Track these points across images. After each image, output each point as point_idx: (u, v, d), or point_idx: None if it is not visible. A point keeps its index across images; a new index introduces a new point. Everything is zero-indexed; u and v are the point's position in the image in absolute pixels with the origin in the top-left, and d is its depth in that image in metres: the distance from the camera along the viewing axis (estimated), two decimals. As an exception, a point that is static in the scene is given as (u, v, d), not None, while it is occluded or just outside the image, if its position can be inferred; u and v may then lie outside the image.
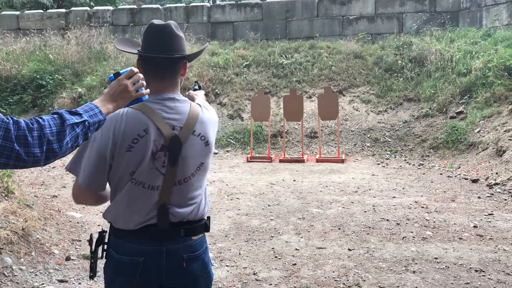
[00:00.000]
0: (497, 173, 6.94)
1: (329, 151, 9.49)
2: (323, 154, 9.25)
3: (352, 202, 5.97)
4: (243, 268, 4.06)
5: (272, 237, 4.80)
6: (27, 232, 4.24)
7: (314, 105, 10.37)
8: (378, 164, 8.47)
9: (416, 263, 4.09)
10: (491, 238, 4.65)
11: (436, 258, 4.17)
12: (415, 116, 9.88)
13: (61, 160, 8.07)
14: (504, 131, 7.92)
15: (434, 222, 5.16)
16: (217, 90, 11.33)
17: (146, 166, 1.68)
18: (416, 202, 5.93)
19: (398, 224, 5.12)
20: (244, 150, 9.76)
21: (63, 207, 5.52)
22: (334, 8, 13.17)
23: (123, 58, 12.05)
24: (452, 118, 9.32)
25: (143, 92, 1.69)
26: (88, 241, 1.82)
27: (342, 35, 12.91)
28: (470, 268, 3.97)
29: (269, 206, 5.88)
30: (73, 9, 14.94)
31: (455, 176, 7.34)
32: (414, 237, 4.72)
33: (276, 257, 4.28)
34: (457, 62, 10.24)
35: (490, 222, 5.14)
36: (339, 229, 5.00)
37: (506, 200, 5.96)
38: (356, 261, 4.16)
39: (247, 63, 12.03)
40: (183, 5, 14.12)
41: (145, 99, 1.72)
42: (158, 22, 1.78)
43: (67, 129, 1.39)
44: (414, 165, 8.27)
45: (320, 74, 11.49)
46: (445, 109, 9.61)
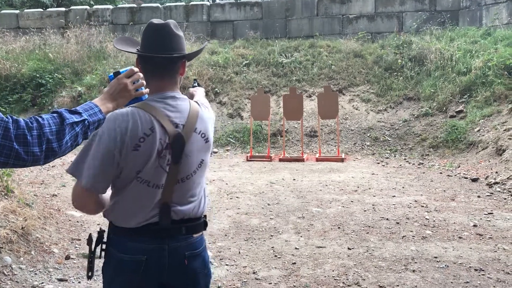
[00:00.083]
0: (496, 172, 6.94)
1: (329, 150, 9.49)
2: (323, 153, 9.25)
3: (351, 201, 5.97)
4: (243, 267, 4.06)
5: (271, 236, 4.81)
6: (27, 231, 4.24)
7: (314, 104, 10.37)
8: (378, 163, 8.47)
9: (415, 262, 4.09)
10: (491, 237, 4.65)
11: (435, 257, 4.18)
12: (415, 115, 9.88)
13: (60, 159, 8.06)
14: (504, 130, 7.92)
15: (434, 221, 5.16)
16: (216, 89, 11.32)
17: (152, 165, 1.69)
18: (415, 201, 5.93)
19: (398, 223, 5.12)
20: (243, 149, 9.76)
21: (63, 206, 5.51)
22: (334, 7, 13.16)
23: (123, 57, 12.04)
24: (452, 117, 9.32)
25: (143, 91, 1.70)
26: (87, 240, 1.81)
27: (342, 34, 12.90)
28: (470, 267, 3.98)
29: (268, 205, 5.88)
30: (72, 8, 14.92)
31: (455, 175, 7.34)
32: (413, 236, 4.73)
33: (275, 256, 4.28)
34: (457, 61, 10.23)
35: (489, 221, 5.14)
36: (339, 228, 5.00)
37: (505, 199, 5.96)
38: (355, 260, 4.16)
39: (247, 62, 12.02)
40: (183, 4, 14.11)
41: (144, 98, 1.73)
42: (157, 21, 1.79)
43: (67, 128, 1.39)
44: (414, 164, 8.27)
45: (320, 73, 11.48)
46: (445, 108, 9.61)
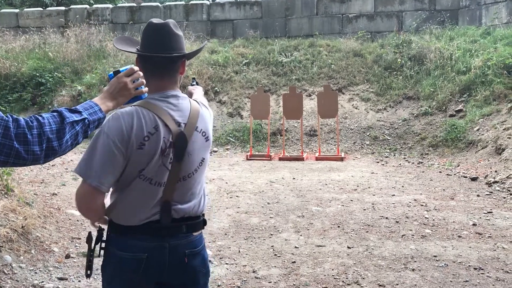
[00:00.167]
0: (496, 171, 6.95)
1: (328, 149, 9.49)
2: (323, 152, 9.25)
3: (351, 200, 5.97)
4: (243, 266, 4.07)
5: (271, 235, 4.81)
6: (27, 230, 4.24)
7: (314, 103, 10.37)
8: (378, 162, 8.48)
9: (415, 261, 4.09)
10: (490, 236, 4.66)
11: (435, 256, 4.18)
12: (415, 114, 9.89)
13: (60, 158, 8.06)
14: (503, 129, 7.93)
15: (433, 220, 5.16)
16: (216, 88, 11.32)
17: (156, 163, 1.70)
18: (415, 200, 5.94)
19: (397, 222, 5.12)
20: (243, 148, 9.76)
21: (63, 205, 5.52)
22: (334, 6, 13.16)
23: (123, 56, 12.03)
24: (451, 116, 9.33)
25: (142, 90, 1.71)
26: (86, 238, 1.82)
27: (342, 33, 12.90)
28: (469, 266, 3.98)
29: (268, 204, 5.88)
30: (72, 7, 14.91)
31: (454, 174, 7.34)
32: (413, 235, 4.73)
33: (275, 255, 4.29)
34: (456, 60, 10.24)
35: (489, 220, 5.14)
36: (339, 227, 5.01)
37: (505, 198, 5.97)
38: (355, 259, 4.17)
39: (247, 61, 12.02)
40: (183, 3, 14.09)
41: (144, 97, 1.74)
42: (157, 21, 1.80)
43: (67, 127, 1.40)
44: (414, 163, 8.28)
45: (319, 72, 11.48)
46: (444, 107, 9.62)
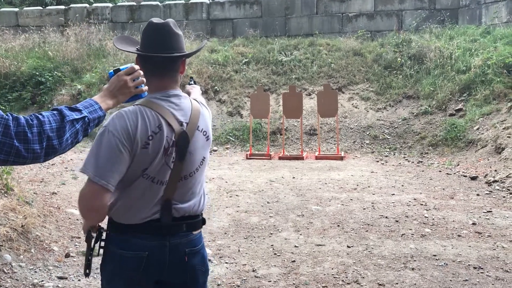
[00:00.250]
0: (496, 170, 6.95)
1: (328, 148, 9.49)
2: (322, 151, 9.25)
3: (351, 199, 5.98)
4: (243, 265, 4.07)
5: (271, 234, 4.81)
6: (27, 229, 4.24)
7: (314, 102, 10.37)
8: (377, 161, 8.48)
9: (415, 260, 4.10)
10: (490, 235, 4.66)
11: (434, 255, 4.18)
12: (414, 113, 9.89)
13: (60, 157, 8.05)
14: (503, 129, 7.93)
15: (433, 219, 5.16)
16: (216, 87, 11.31)
17: (159, 162, 1.70)
18: (415, 199, 5.94)
19: (397, 221, 5.12)
20: (243, 147, 9.76)
21: (63, 204, 5.52)
22: (334, 5, 13.15)
23: (122, 55, 12.02)
24: (451, 115, 9.33)
25: (143, 88, 1.71)
26: (85, 237, 1.81)
27: (342, 32, 12.89)
28: (469, 265, 3.98)
29: (268, 203, 5.88)
30: (72, 6, 14.90)
31: (454, 173, 7.34)
32: (413, 234, 4.73)
33: (275, 254, 4.29)
34: (456, 60, 10.24)
35: (488, 219, 5.15)
36: (338, 226, 5.01)
37: (504, 197, 5.97)
38: (355, 258, 4.17)
39: (247, 60, 12.01)
40: (183, 2, 14.07)
41: (144, 96, 1.75)
42: (157, 20, 1.80)
43: (67, 125, 1.39)
44: (413, 162, 8.28)
45: (319, 71, 11.48)
46: (444, 106, 9.61)
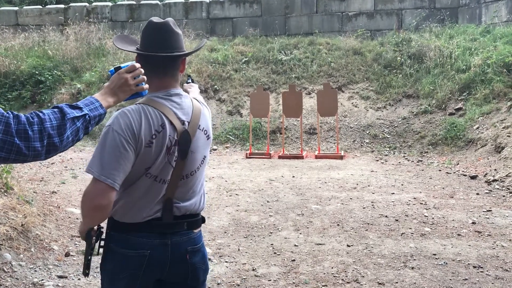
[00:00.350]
0: (495, 169, 6.95)
1: (328, 148, 9.49)
2: (322, 151, 9.25)
3: (351, 199, 5.98)
4: (242, 264, 4.07)
5: (271, 233, 4.81)
6: (27, 228, 4.24)
7: (313, 101, 10.37)
8: (377, 160, 8.48)
9: (414, 259, 4.10)
10: (490, 235, 4.66)
11: (434, 254, 4.19)
12: (414, 112, 9.89)
13: (60, 156, 8.04)
14: (502, 128, 7.93)
15: (433, 218, 5.17)
16: (216, 86, 11.31)
17: (161, 161, 1.71)
18: (414, 198, 5.94)
19: (397, 220, 5.13)
20: (243, 146, 9.76)
21: (63, 203, 5.52)
22: (334, 4, 13.14)
23: (122, 54, 12.02)
24: (451, 114, 9.33)
25: (143, 86, 1.71)
26: (86, 236, 1.79)
27: (341, 32, 12.88)
28: (469, 264, 3.99)
29: (268, 202, 5.88)
30: (72, 4, 14.88)
31: (454, 172, 7.35)
32: (412, 233, 4.74)
33: (275, 253, 4.29)
34: (456, 59, 10.24)
35: (488, 218, 5.15)
36: (338, 225, 5.01)
37: (504, 196, 5.97)
38: (354, 257, 4.17)
39: (246, 59, 12.01)
40: (182, 1, 14.06)
41: (144, 94, 1.75)
42: (156, 19, 1.81)
43: (68, 123, 1.39)
44: (413, 161, 8.28)
45: (319, 71, 11.47)
46: (444, 105, 9.62)
